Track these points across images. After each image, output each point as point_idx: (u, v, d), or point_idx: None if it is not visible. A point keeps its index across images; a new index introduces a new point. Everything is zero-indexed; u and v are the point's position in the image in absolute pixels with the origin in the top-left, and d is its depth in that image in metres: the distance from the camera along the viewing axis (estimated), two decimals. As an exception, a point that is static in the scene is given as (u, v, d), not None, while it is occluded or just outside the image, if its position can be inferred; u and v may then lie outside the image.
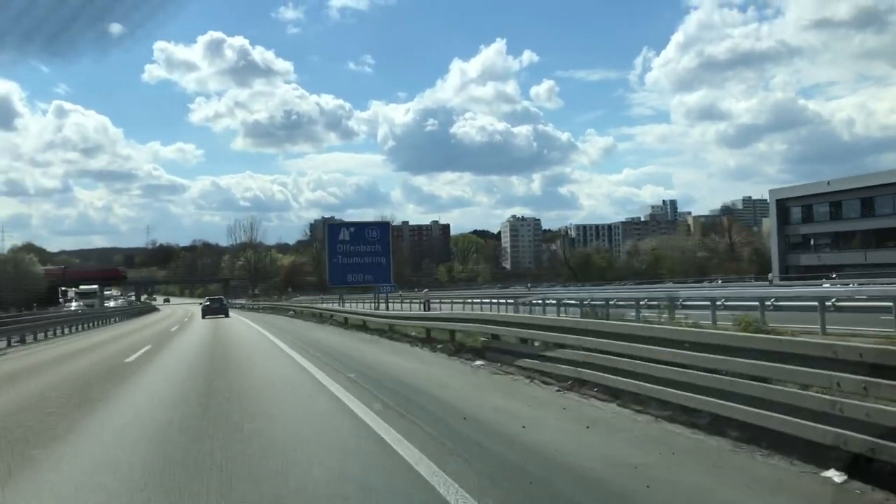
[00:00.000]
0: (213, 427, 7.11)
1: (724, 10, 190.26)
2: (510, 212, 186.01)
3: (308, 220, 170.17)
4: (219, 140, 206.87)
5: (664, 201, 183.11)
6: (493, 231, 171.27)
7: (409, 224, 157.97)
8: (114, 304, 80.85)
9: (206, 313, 43.06)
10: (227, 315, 43.78)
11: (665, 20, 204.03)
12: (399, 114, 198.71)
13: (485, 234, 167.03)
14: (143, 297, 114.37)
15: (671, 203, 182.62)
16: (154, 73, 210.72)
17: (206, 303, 47.22)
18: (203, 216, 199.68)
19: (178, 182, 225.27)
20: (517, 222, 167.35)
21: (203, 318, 41.21)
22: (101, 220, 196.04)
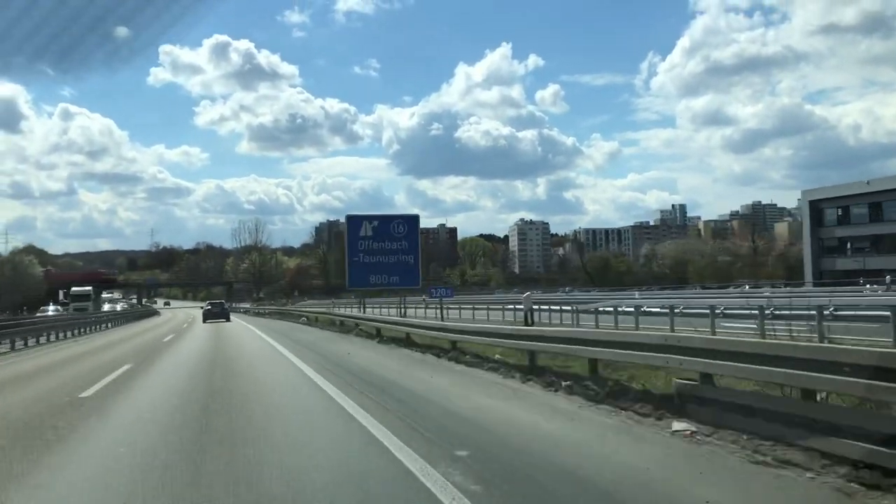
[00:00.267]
0: None
1: (731, 15, 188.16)
2: (515, 216, 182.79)
3: (313, 224, 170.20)
4: (224, 143, 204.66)
5: (673, 206, 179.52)
6: (498, 235, 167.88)
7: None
8: (111, 307, 75.39)
9: (207, 317, 42.37)
10: (229, 319, 43.18)
11: (671, 25, 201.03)
12: (404, 118, 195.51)
13: (490, 238, 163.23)
14: (143, 300, 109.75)
15: (680, 207, 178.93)
16: (159, 76, 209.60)
17: (208, 307, 46.55)
18: (207, 219, 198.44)
19: (183, 185, 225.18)
20: (525, 226, 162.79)
21: (204, 321, 40.65)
22: (106, 223, 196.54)
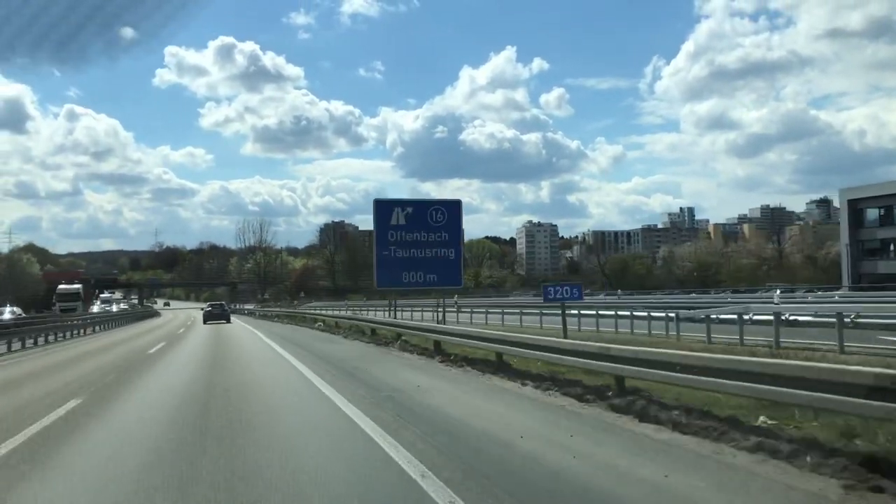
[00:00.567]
0: None
1: (736, 20, 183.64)
2: (518, 219, 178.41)
3: (316, 226, 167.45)
4: (228, 145, 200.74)
5: (681, 208, 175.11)
6: (503, 237, 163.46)
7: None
8: (100, 308, 69.26)
9: (208, 319, 41.58)
10: (229, 320, 42.46)
11: (676, 29, 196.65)
12: (408, 120, 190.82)
13: (496, 241, 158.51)
14: (144, 300, 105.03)
15: (688, 210, 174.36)
16: (165, 77, 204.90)
17: (208, 308, 45.75)
18: (212, 220, 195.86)
19: (188, 186, 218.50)
20: (533, 228, 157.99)
21: (204, 323, 39.82)
22: (111, 224, 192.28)
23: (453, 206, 22.41)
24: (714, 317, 16.50)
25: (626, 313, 21.92)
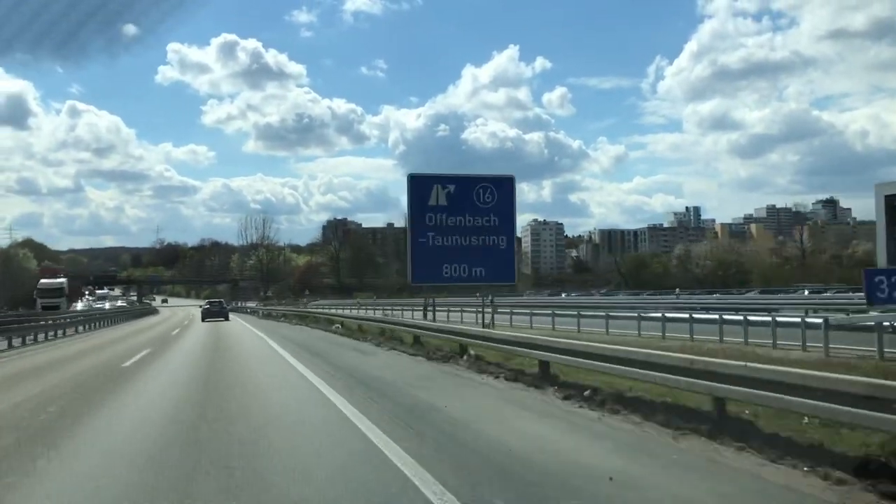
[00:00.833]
0: None
1: (739, 20, 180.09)
2: (520, 218, 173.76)
3: (318, 224, 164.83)
4: (231, 142, 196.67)
5: (687, 208, 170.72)
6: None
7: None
8: (83, 305, 63.20)
9: (206, 316, 41.08)
10: (227, 318, 41.97)
11: (678, 29, 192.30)
12: (411, 119, 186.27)
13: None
14: (143, 298, 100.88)
15: (694, 209, 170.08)
16: (167, 74, 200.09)
17: (206, 306, 45.35)
18: (214, 218, 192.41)
19: (190, 183, 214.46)
20: (539, 226, 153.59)
21: (203, 321, 39.21)
22: (113, 221, 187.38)
23: (505, 184, 18.16)
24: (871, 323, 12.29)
25: (714, 316, 17.70)
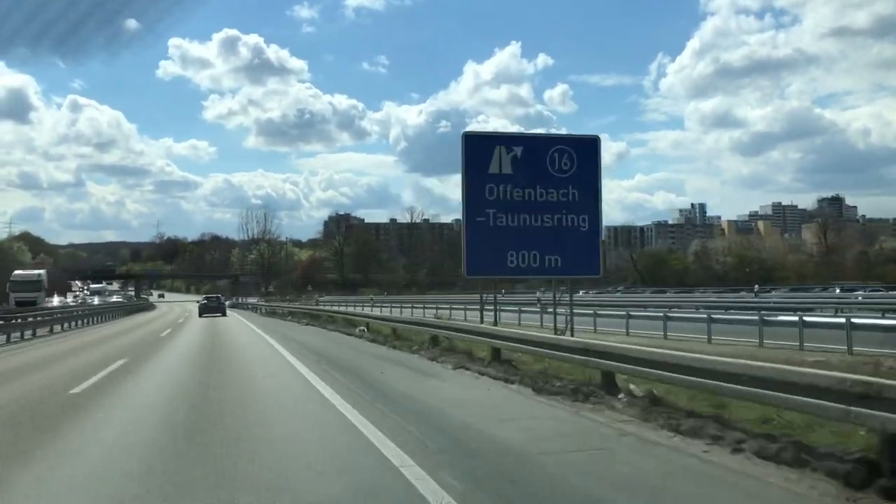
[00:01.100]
0: None
1: (741, 17, 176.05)
2: None
3: (319, 220, 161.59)
4: (232, 137, 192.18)
5: (692, 204, 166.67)
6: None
7: (429, 222, 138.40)
8: (60, 301, 57.64)
9: (203, 312, 41.08)
10: (225, 314, 41.86)
11: (681, 26, 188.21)
12: (412, 115, 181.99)
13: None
14: (140, 293, 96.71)
15: (699, 206, 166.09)
16: (169, 69, 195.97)
17: (204, 301, 45.19)
18: (214, 213, 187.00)
19: (191, 179, 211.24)
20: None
21: (200, 316, 39.29)
22: (113, 216, 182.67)
23: (587, 147, 13.85)
24: None
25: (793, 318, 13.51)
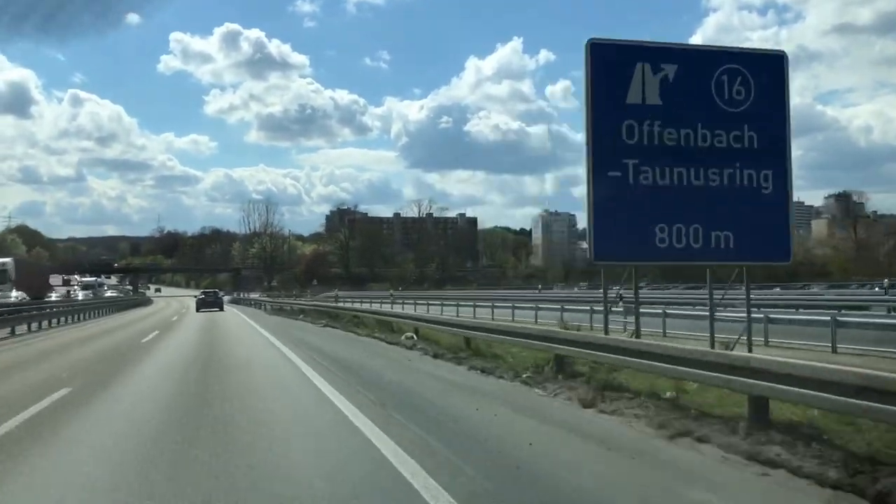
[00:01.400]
0: None
1: (744, 13, 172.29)
2: (522, 211, 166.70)
3: (320, 215, 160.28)
4: (233, 132, 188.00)
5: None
6: (513, 228, 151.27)
7: (434, 216, 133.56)
8: (82, 295, 53.46)
9: (201, 307, 40.77)
10: (222, 308, 41.84)
11: (683, 22, 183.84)
12: (413, 110, 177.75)
13: (505, 231, 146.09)
14: (137, 287, 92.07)
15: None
16: (170, 63, 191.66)
17: (201, 296, 45.20)
18: (215, 208, 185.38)
19: (192, 173, 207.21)
20: (550, 218, 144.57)
21: (197, 311, 39.11)
22: (114, 210, 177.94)
23: (770, 68, 9.08)
24: None
25: None
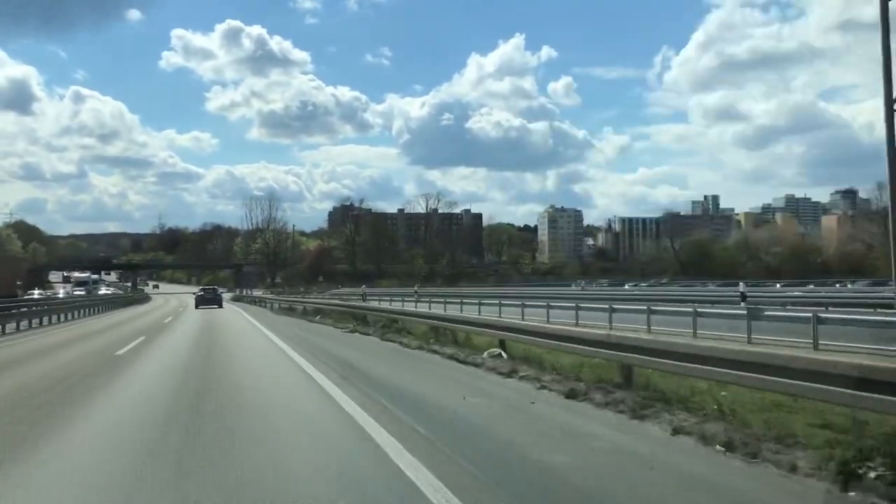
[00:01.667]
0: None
1: (746, 10, 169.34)
2: (524, 208, 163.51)
3: (321, 212, 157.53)
4: (234, 129, 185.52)
5: (705, 196, 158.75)
6: (516, 224, 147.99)
7: (439, 212, 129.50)
8: (63, 293, 50.79)
9: (200, 303, 40.53)
10: (221, 305, 41.50)
11: (686, 19, 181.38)
12: (415, 107, 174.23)
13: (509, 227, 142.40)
14: (136, 284, 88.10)
15: (713, 198, 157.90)
16: (171, 60, 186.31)
17: (200, 293, 45.21)
18: (217, 205, 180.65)
19: (193, 170, 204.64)
20: (556, 213, 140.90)
21: (196, 307, 38.51)
22: (116, 207, 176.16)
23: None
24: None
25: None
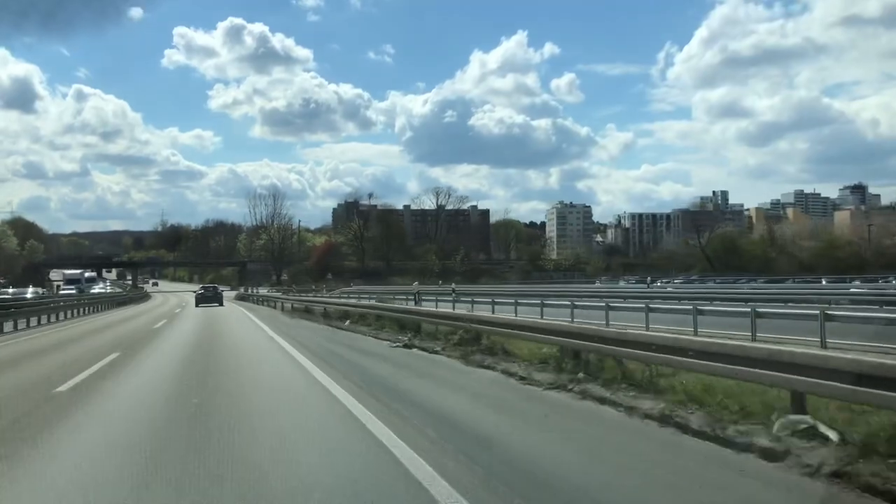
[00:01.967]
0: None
1: (750, 6, 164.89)
2: (527, 206, 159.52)
3: (324, 209, 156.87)
4: (237, 127, 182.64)
5: (714, 192, 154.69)
6: (522, 221, 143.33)
7: (445, 208, 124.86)
8: (34, 292, 46.01)
9: (200, 302, 39.29)
10: (221, 304, 39.77)
11: (689, 15, 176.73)
12: (417, 104, 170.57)
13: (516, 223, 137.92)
14: (137, 282, 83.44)
15: (722, 194, 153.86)
16: (173, 58, 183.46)
17: (201, 291, 43.78)
18: (220, 203, 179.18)
19: (196, 168, 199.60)
20: (565, 209, 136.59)
21: (196, 306, 37.46)
22: (119, 205, 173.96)
23: None
24: None
25: None
